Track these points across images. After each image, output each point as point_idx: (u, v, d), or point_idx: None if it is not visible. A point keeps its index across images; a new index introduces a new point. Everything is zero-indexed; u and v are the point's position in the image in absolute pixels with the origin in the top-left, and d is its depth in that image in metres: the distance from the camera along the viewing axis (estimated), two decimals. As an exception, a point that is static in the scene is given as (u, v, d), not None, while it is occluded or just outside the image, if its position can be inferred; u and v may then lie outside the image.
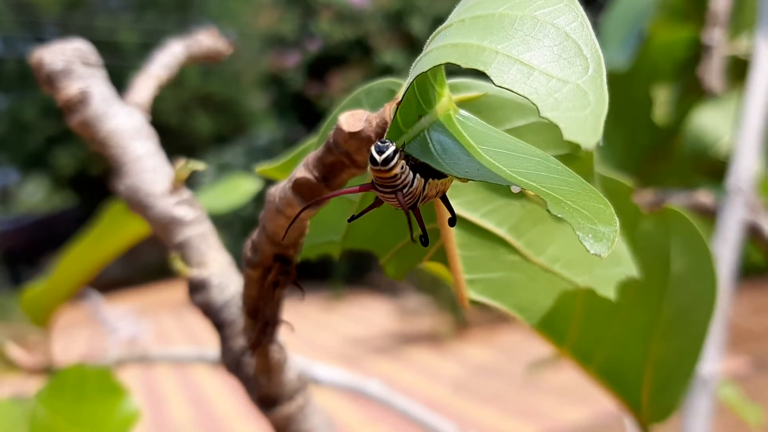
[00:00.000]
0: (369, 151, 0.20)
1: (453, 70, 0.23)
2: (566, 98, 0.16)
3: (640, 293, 0.36)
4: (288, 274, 0.28)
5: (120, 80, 0.36)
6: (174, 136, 10.20)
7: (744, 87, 0.64)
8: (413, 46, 5.98)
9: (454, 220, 0.22)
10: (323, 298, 6.11)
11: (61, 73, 0.35)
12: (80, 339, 5.54)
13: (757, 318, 3.50)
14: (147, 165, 0.34)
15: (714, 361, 0.55)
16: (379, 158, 0.19)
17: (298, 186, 0.24)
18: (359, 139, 0.22)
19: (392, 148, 0.19)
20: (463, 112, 0.22)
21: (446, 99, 0.21)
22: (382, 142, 0.19)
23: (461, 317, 4.40)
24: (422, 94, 0.21)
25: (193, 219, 0.33)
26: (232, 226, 6.46)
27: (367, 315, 5.42)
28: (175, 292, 7.43)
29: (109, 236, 0.59)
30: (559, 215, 0.16)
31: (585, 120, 0.15)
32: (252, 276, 0.28)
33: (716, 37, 0.76)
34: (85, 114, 0.35)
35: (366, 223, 0.32)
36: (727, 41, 0.78)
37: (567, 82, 0.16)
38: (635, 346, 0.38)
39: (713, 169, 0.74)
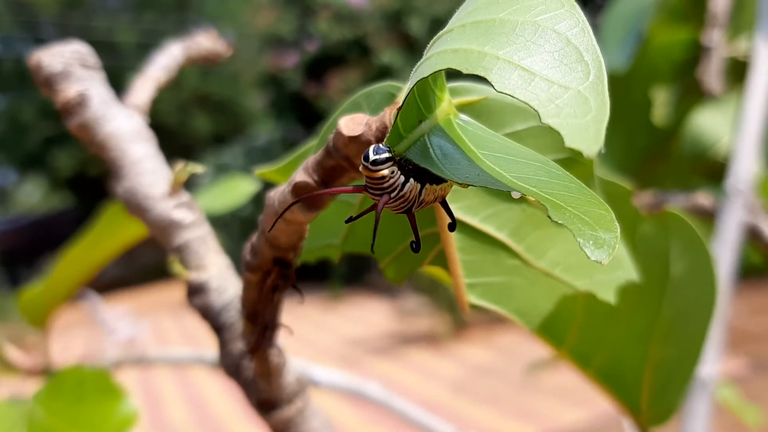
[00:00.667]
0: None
1: (453, 73, 0.23)
2: (567, 105, 0.16)
3: (639, 296, 0.36)
4: (287, 278, 0.28)
5: (118, 81, 0.36)
6: (172, 136, 10.18)
7: (743, 88, 0.64)
8: (411, 47, 5.97)
9: (454, 225, 0.22)
10: (322, 299, 6.10)
11: (60, 75, 0.35)
12: (78, 340, 5.53)
13: (755, 319, 3.50)
14: (145, 168, 0.34)
15: (713, 363, 0.56)
16: (371, 157, 0.20)
17: (298, 190, 0.24)
18: (359, 143, 0.22)
19: (386, 154, 0.20)
20: (463, 116, 0.22)
21: (446, 103, 0.21)
22: (381, 146, 0.20)
23: (459, 318, 4.40)
24: (422, 99, 0.21)
25: (191, 222, 0.33)
26: (230, 227, 6.45)
27: (366, 315, 5.41)
28: (173, 293, 7.41)
29: (108, 237, 0.59)
30: (560, 221, 0.16)
31: (586, 127, 0.15)
32: (251, 280, 0.28)
33: (715, 38, 0.76)
34: (83, 116, 0.34)
35: (366, 226, 0.32)
36: (727, 42, 0.78)
37: (568, 88, 0.16)
38: (634, 348, 0.38)
39: (712, 170, 0.74)
